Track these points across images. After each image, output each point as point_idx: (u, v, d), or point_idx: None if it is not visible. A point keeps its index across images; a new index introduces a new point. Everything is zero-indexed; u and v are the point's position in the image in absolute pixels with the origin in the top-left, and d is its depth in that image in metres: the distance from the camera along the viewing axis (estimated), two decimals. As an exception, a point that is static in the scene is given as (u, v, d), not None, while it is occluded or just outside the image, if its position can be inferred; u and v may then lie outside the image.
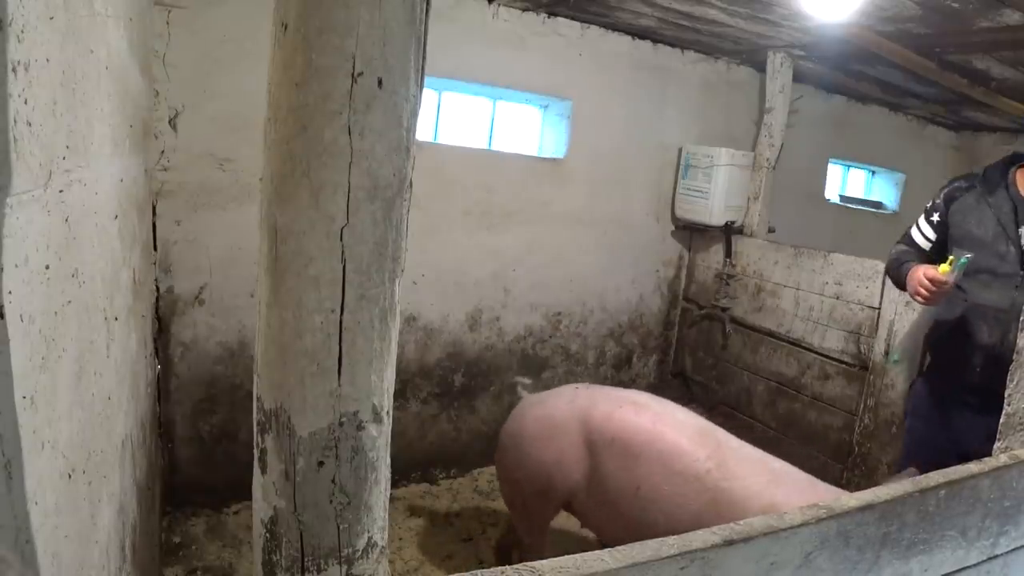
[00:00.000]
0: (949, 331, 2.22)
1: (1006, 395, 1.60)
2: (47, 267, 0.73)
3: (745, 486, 1.92)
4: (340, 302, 0.83)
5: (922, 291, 2.08)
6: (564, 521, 2.47)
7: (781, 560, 1.11)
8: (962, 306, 2.17)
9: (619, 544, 2.29)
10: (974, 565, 1.45)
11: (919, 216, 2.36)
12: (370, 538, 0.93)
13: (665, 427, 2.05)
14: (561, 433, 2.14)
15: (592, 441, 2.11)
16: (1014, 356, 1.58)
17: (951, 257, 2.02)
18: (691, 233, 3.98)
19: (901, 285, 2.29)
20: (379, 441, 0.91)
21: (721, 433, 2.11)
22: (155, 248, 2.51)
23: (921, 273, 2.07)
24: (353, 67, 0.78)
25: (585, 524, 2.29)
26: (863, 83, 4.02)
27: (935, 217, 2.28)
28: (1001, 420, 1.60)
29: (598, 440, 2.09)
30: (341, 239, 0.82)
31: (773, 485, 1.91)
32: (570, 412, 2.16)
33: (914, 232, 2.34)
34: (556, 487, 2.17)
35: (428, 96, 2.25)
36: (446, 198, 3.22)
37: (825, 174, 4.66)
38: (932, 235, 2.29)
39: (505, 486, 2.36)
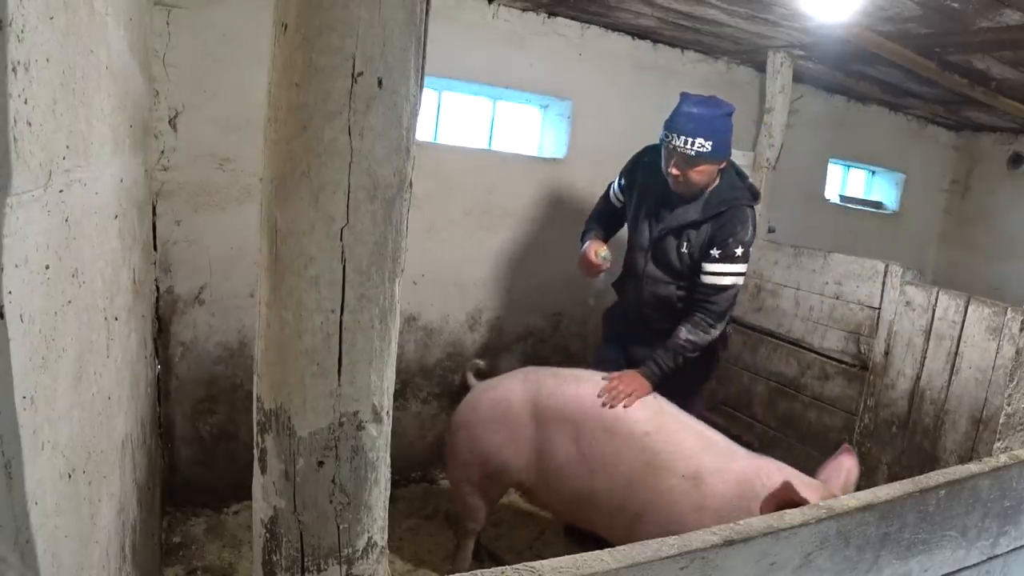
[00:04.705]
0: None
1: (1006, 395, 1.60)
2: (47, 267, 0.73)
3: (678, 450, 2.06)
4: (340, 302, 0.83)
5: None
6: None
7: (781, 560, 1.11)
8: None
9: (566, 515, 2.36)
10: (974, 565, 1.45)
11: None
12: (370, 538, 0.93)
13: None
14: (513, 415, 2.24)
15: (541, 418, 2.21)
16: (1014, 356, 1.58)
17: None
18: (691, 233, 3.97)
19: None
20: (379, 441, 0.91)
21: (663, 402, 2.24)
22: (155, 248, 2.51)
23: None
24: (353, 67, 0.78)
25: (533, 501, 2.42)
26: (863, 83, 4.01)
27: None
28: (1001, 420, 1.60)
29: (546, 416, 2.20)
30: (341, 239, 0.82)
31: (702, 451, 2.05)
32: (521, 394, 2.26)
33: None
34: (509, 468, 2.28)
35: (428, 96, 2.25)
36: (446, 198, 3.22)
37: (825, 174, 4.65)
38: None
39: (457, 469, 2.44)
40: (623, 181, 2.69)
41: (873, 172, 5.25)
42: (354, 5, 0.76)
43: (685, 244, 2.47)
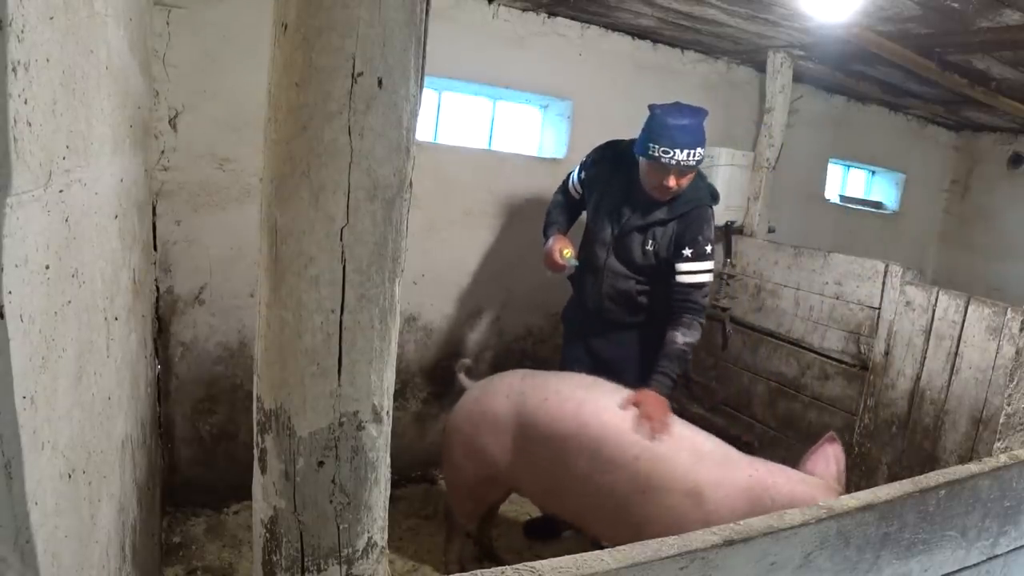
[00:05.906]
0: None
1: (1006, 395, 1.60)
2: (47, 267, 0.73)
3: (672, 468, 2.00)
4: (340, 302, 0.83)
5: None
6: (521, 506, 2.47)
7: (781, 560, 1.11)
8: None
9: (568, 518, 2.27)
10: (974, 565, 1.45)
11: None
12: (370, 538, 0.93)
13: (588, 417, 2.12)
14: (500, 426, 2.24)
15: (525, 436, 2.20)
16: (1014, 356, 1.58)
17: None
18: (691, 233, 3.97)
19: None
20: (379, 441, 0.91)
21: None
22: (155, 248, 2.51)
23: None
24: (353, 67, 0.78)
25: (541, 507, 2.43)
26: (863, 83, 4.01)
27: None
28: (1001, 420, 1.60)
29: (530, 434, 2.18)
30: (341, 239, 0.82)
31: (698, 464, 2.00)
32: (506, 406, 2.25)
33: None
34: (502, 474, 2.28)
35: (428, 96, 2.25)
36: (446, 198, 3.22)
37: (825, 174, 4.65)
38: None
39: (451, 472, 2.44)
40: (583, 175, 2.72)
41: (873, 172, 5.25)
42: (354, 5, 0.76)
43: (650, 242, 2.55)
